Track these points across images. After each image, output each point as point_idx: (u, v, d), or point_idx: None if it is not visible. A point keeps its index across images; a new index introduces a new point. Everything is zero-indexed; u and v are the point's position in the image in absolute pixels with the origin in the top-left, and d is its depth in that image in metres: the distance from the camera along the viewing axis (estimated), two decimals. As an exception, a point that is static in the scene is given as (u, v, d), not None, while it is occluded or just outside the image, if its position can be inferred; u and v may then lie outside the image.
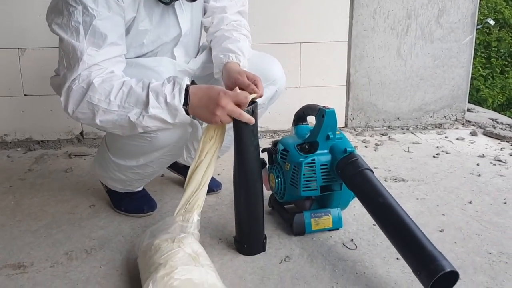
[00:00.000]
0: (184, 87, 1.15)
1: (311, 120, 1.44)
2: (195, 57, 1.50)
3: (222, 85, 1.39)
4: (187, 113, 1.17)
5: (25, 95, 2.26)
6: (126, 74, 1.23)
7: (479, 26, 5.10)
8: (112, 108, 1.16)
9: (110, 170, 1.47)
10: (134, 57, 1.34)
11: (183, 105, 1.15)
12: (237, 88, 1.24)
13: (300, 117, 1.52)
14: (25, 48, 2.20)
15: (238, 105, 1.18)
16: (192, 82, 1.48)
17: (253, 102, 1.23)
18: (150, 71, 1.28)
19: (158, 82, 1.17)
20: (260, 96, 1.27)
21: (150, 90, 1.15)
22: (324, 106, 1.35)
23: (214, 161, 1.27)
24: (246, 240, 1.32)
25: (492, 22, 4.80)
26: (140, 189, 1.58)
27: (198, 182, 1.25)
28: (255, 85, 1.27)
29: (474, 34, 2.54)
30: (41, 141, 2.31)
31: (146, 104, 1.15)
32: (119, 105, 1.16)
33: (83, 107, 1.17)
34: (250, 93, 1.23)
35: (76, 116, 1.20)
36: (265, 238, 1.34)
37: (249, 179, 1.27)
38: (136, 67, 1.29)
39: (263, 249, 1.32)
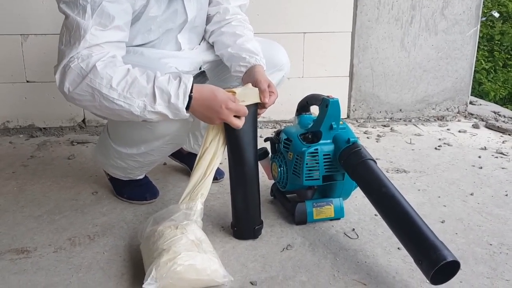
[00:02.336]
0: (189, 88, 1.14)
1: (314, 110, 1.44)
2: (199, 44, 1.50)
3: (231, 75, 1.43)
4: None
5: (27, 81, 2.26)
6: (129, 62, 1.22)
7: (483, 19, 5.08)
8: (112, 95, 1.13)
9: (111, 157, 1.47)
10: (141, 44, 1.34)
11: (186, 106, 1.15)
12: (250, 84, 1.28)
13: (303, 106, 1.52)
14: (28, 35, 2.20)
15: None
16: (202, 73, 1.48)
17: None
18: (155, 61, 1.27)
19: (163, 76, 1.15)
20: (264, 105, 1.30)
21: (156, 85, 1.13)
22: (328, 96, 1.35)
23: (221, 150, 1.28)
24: (236, 223, 1.34)
25: (496, 15, 4.77)
26: (142, 176, 1.59)
27: (204, 169, 1.26)
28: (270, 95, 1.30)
29: (478, 26, 2.53)
30: (43, 128, 2.32)
31: (153, 99, 1.13)
32: (120, 94, 1.13)
33: (82, 89, 1.14)
34: (264, 97, 1.28)
35: (72, 96, 1.16)
36: (260, 225, 1.35)
37: (246, 170, 1.29)
38: (140, 56, 1.28)
39: (254, 236, 1.33)
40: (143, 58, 1.29)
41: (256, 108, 1.29)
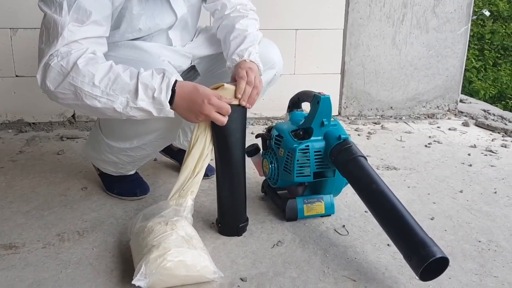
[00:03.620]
0: (173, 82, 1.13)
1: (305, 107, 1.44)
2: (191, 40, 1.49)
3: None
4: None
5: (16, 76, 2.23)
6: (122, 55, 1.21)
7: (474, 17, 5.10)
8: (95, 93, 1.11)
9: (103, 152, 1.46)
10: (131, 39, 1.32)
11: (169, 101, 1.13)
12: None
13: (295, 103, 1.52)
14: (17, 29, 2.17)
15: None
16: (193, 67, 1.47)
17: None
18: (147, 54, 1.26)
19: (147, 72, 1.13)
20: (244, 106, 1.26)
21: (140, 81, 1.12)
22: (319, 93, 1.35)
23: (210, 146, 1.27)
24: (221, 219, 1.34)
25: (487, 13, 4.80)
26: (132, 172, 1.58)
27: (193, 166, 1.25)
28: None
29: (469, 25, 2.54)
30: (33, 123, 2.29)
31: (135, 95, 1.12)
32: (103, 91, 1.11)
33: (64, 87, 1.12)
34: (238, 93, 1.23)
35: (56, 95, 1.15)
36: (245, 222, 1.34)
37: (233, 166, 1.28)
38: (132, 48, 1.27)
39: (238, 234, 1.33)
40: (136, 51, 1.27)
41: (245, 109, 1.26)
